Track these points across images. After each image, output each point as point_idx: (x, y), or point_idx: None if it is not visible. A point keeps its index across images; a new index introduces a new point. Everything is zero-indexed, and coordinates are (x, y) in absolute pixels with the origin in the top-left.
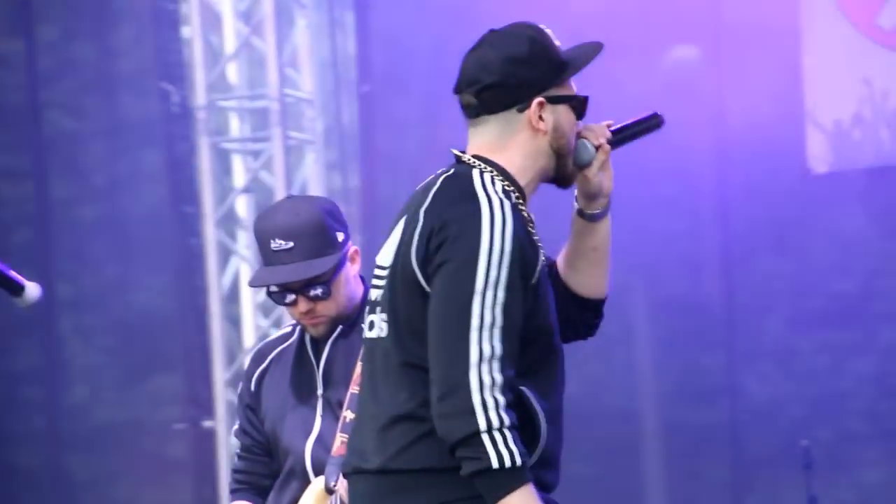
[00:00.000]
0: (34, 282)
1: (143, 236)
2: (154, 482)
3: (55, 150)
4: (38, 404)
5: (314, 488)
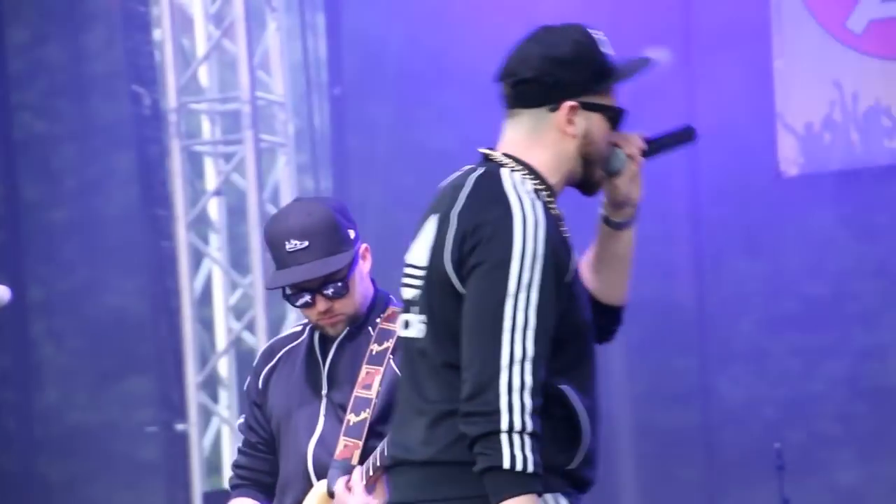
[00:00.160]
0: (5, 285)
1: (115, 239)
2: (126, 485)
3: (26, 153)
4: (10, 407)
5: (317, 492)
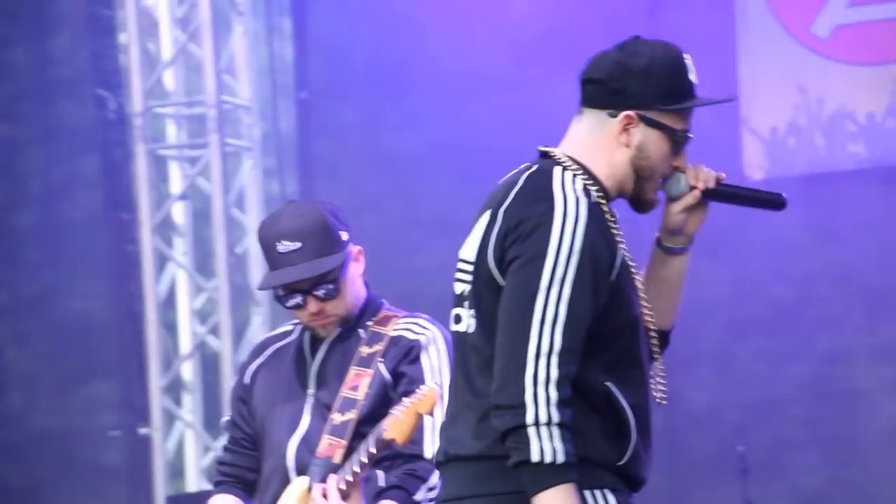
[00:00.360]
0: None
1: (80, 243)
2: (89, 489)
3: None
4: None
5: (294, 490)
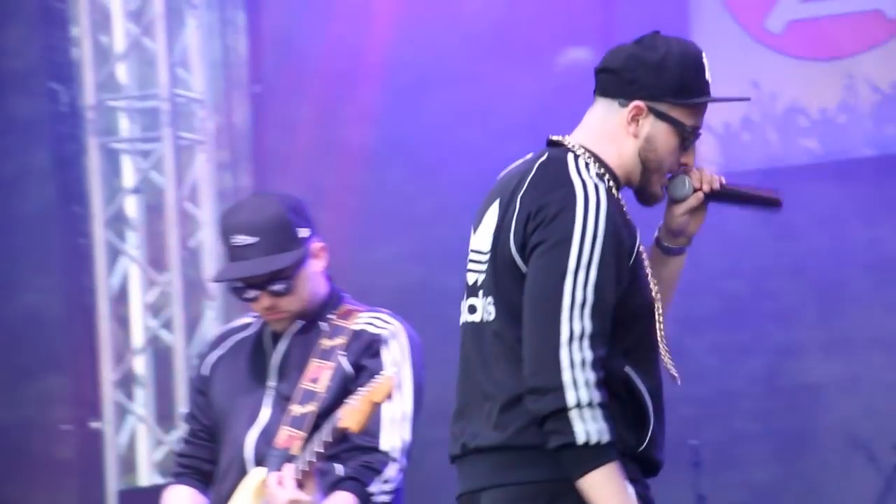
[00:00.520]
0: None
1: (31, 236)
2: (41, 483)
3: None
4: None
5: (251, 481)
